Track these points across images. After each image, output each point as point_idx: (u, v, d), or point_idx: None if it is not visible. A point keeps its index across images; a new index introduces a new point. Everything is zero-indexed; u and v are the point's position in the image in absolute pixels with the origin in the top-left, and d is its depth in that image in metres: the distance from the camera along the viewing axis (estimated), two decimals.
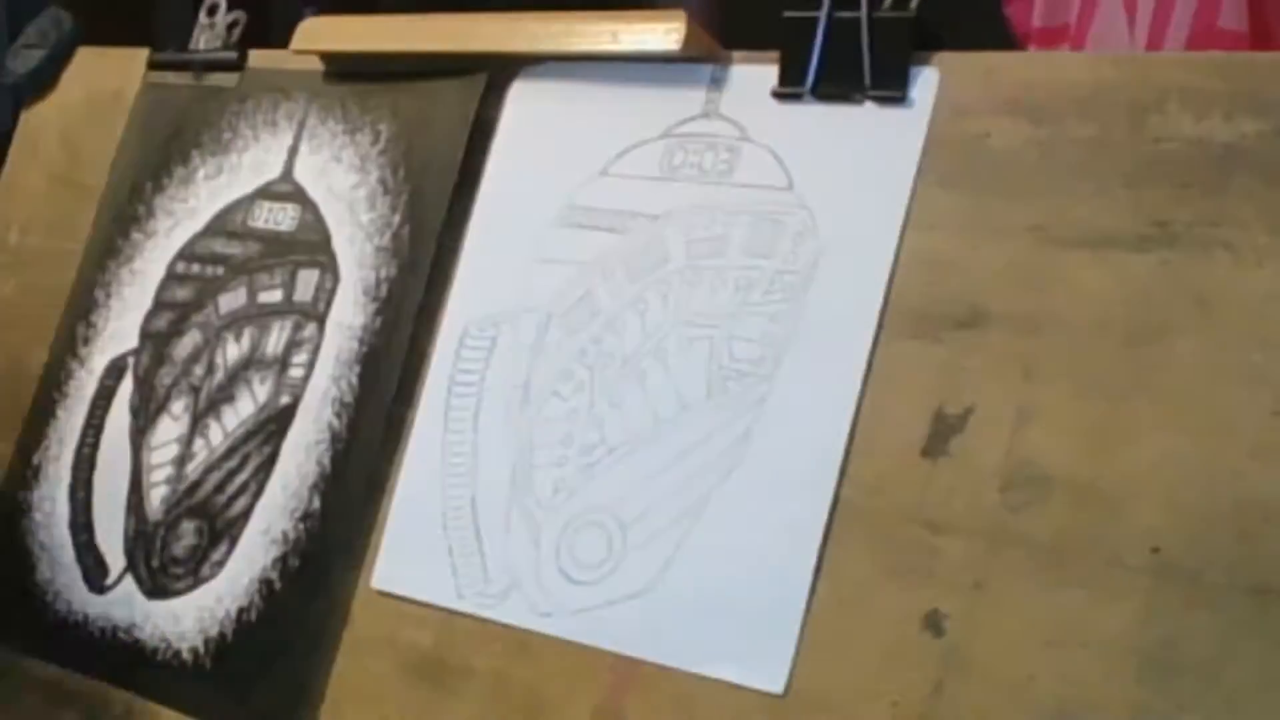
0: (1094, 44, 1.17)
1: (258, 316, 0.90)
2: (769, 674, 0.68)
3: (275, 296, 0.90)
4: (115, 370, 0.96)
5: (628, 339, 0.76)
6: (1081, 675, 0.62)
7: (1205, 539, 0.61)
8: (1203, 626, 0.60)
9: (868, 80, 0.74)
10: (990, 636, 0.64)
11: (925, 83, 0.73)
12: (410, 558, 0.81)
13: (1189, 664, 0.60)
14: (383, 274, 0.86)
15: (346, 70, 0.93)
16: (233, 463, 0.88)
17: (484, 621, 0.77)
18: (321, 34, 0.93)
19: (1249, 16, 1.05)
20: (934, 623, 0.66)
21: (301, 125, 0.93)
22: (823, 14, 0.75)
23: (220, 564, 0.87)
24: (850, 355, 0.70)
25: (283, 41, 0.95)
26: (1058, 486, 0.64)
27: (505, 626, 0.76)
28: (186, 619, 0.87)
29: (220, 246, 0.94)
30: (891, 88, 0.73)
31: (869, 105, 0.74)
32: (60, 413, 0.98)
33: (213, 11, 1.01)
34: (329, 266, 0.89)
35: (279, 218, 0.92)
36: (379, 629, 0.81)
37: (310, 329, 0.88)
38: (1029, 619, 0.64)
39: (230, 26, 1.00)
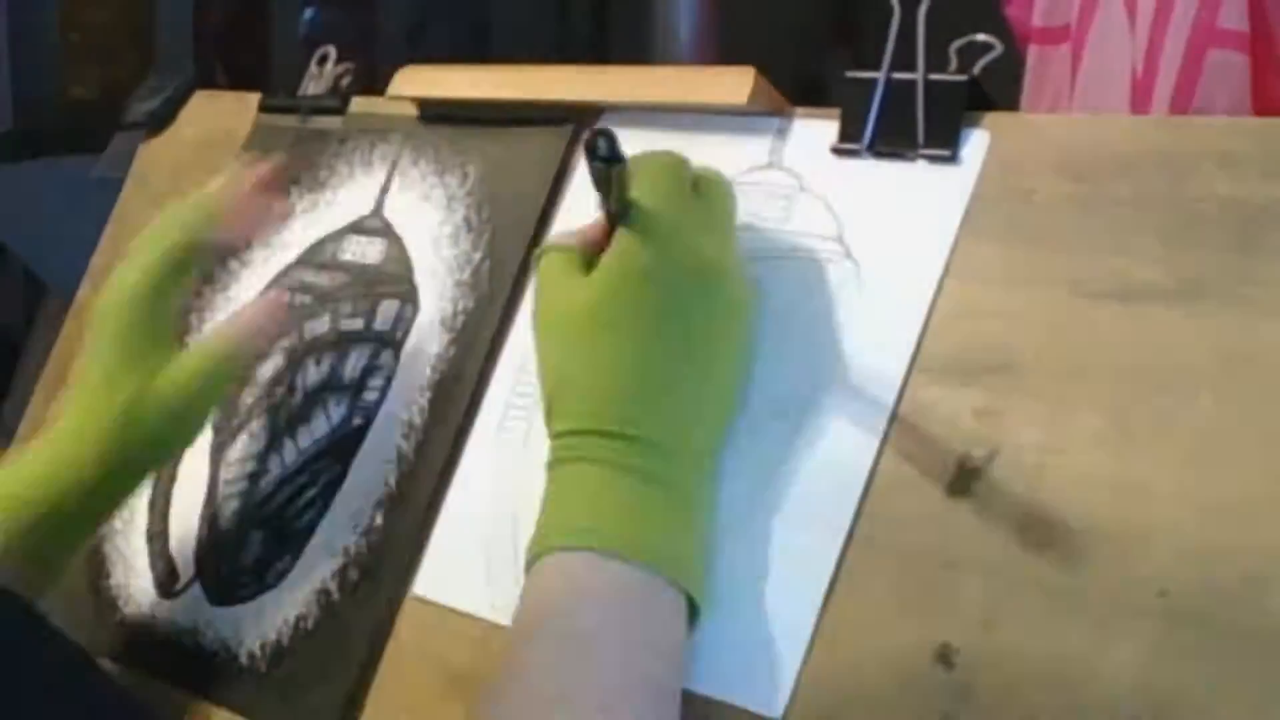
0: (1094, 44, 1.17)
1: (338, 343, 0.95)
2: (767, 699, 0.70)
3: (357, 324, 0.95)
4: None
5: None
6: (1085, 714, 0.63)
7: (1212, 583, 0.62)
8: (1206, 669, 0.61)
9: (921, 139, 0.77)
10: (998, 672, 0.66)
11: (976, 143, 0.75)
12: (450, 567, 0.84)
13: (1191, 705, 0.61)
14: (460, 306, 0.90)
15: (440, 115, 0.98)
16: (303, 478, 0.92)
17: None
18: (417, 81, 0.98)
19: (1250, 16, 1.05)
20: (944, 657, 0.67)
21: (394, 165, 0.98)
22: (882, 75, 0.78)
23: (283, 574, 0.90)
24: (880, 395, 0.73)
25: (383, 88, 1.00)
26: (1074, 530, 0.66)
27: None
28: (247, 624, 0.90)
29: (309, 276, 0.99)
30: (943, 147, 0.76)
31: (920, 163, 0.77)
32: None
33: (323, 61, 1.08)
34: (409, 298, 0.93)
35: (366, 251, 0.97)
36: (420, 641, 0.84)
37: (386, 356, 0.92)
38: (1036, 657, 0.65)
39: (339, 77, 1.07)
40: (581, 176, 0.89)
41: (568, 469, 0.74)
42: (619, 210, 0.75)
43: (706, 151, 0.83)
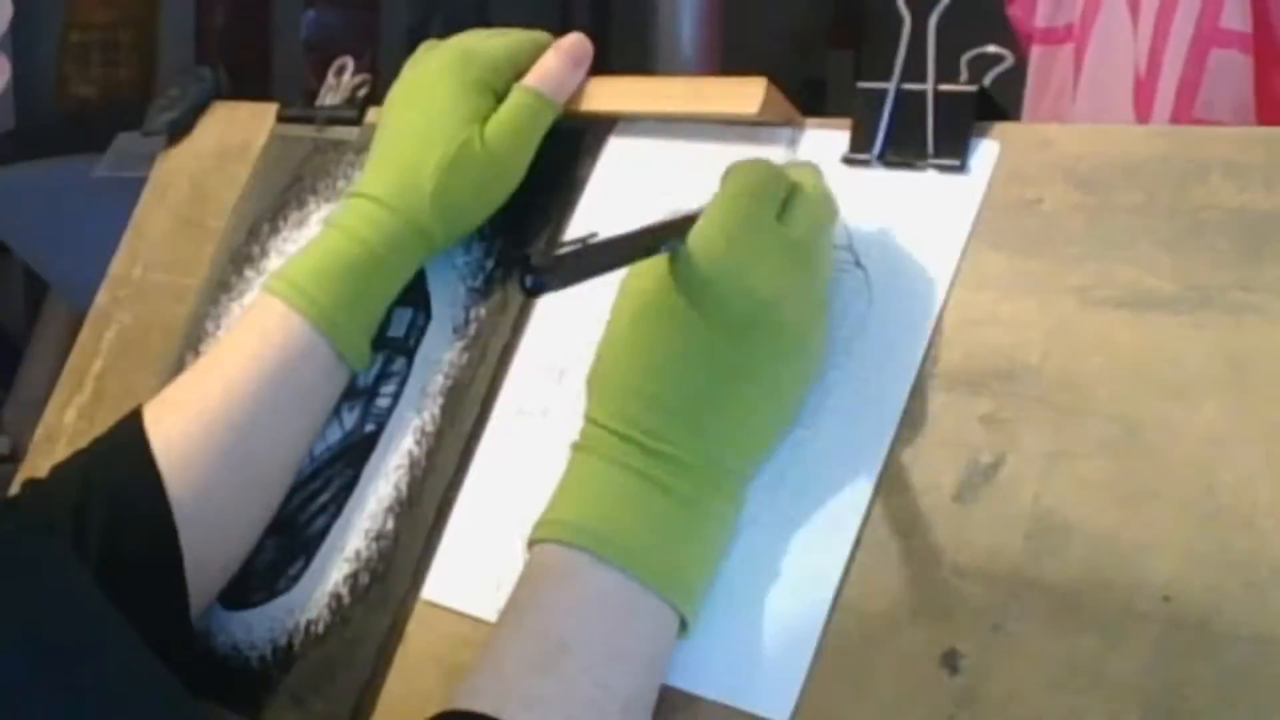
0: (1097, 44, 1.17)
1: None
2: (774, 703, 0.71)
3: None
4: None
5: None
6: (1089, 717, 0.64)
7: (1215, 589, 0.63)
8: (1207, 673, 0.62)
9: (930, 149, 0.78)
10: (1004, 677, 0.66)
11: (985, 153, 0.76)
12: (460, 572, 0.84)
13: (1193, 709, 0.61)
14: (472, 313, 0.91)
15: None
16: (316, 484, 0.93)
17: None
18: None
19: (1252, 16, 1.06)
20: (951, 661, 0.68)
21: None
22: (892, 86, 0.79)
23: (296, 578, 0.91)
24: (888, 402, 0.73)
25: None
26: (1079, 535, 0.67)
27: None
28: (259, 629, 0.91)
29: None
30: (952, 157, 0.77)
31: (930, 173, 0.78)
32: None
33: (340, 72, 1.09)
34: (422, 305, 0.94)
35: None
36: (430, 645, 0.85)
37: (400, 362, 0.93)
38: (1041, 661, 0.65)
39: (356, 87, 1.08)
40: (597, 181, 0.90)
41: (588, 460, 0.74)
42: (668, 245, 0.72)
43: (717, 161, 0.84)
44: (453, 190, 0.88)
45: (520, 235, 0.91)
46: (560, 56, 0.91)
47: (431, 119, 0.89)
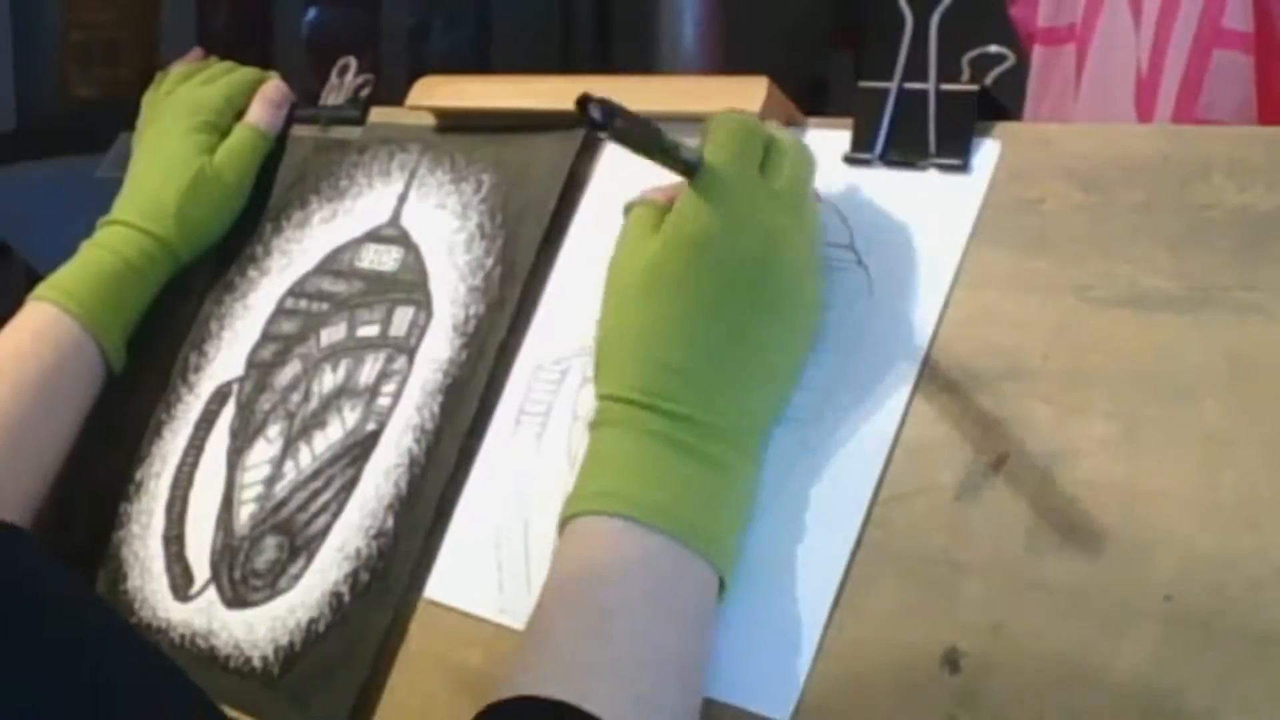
0: (1100, 45, 1.17)
1: (354, 349, 0.96)
2: (776, 702, 0.71)
3: (372, 331, 0.96)
4: (220, 396, 1.02)
5: None
6: (1090, 715, 0.64)
7: (1217, 588, 0.63)
8: (1208, 672, 0.61)
9: (932, 148, 0.78)
10: (1004, 675, 0.66)
11: (987, 152, 0.76)
12: (462, 571, 0.84)
13: (1193, 709, 0.61)
14: (472, 311, 0.91)
15: (457, 125, 0.99)
16: (318, 483, 0.93)
17: None
18: (435, 91, 0.99)
19: (1254, 17, 1.06)
20: (951, 660, 0.68)
21: (412, 175, 1.00)
22: (894, 85, 0.79)
23: (297, 577, 0.91)
24: (890, 401, 0.73)
25: None
26: (1080, 534, 0.67)
27: None
28: (260, 628, 0.91)
29: (327, 284, 1.00)
30: (954, 156, 0.77)
31: (932, 172, 0.78)
32: (166, 433, 1.04)
33: (343, 72, 1.09)
34: (424, 304, 0.94)
35: (383, 259, 0.98)
36: (431, 644, 0.85)
37: (401, 361, 0.93)
38: (1042, 660, 0.65)
39: (359, 87, 1.08)
40: (597, 181, 0.90)
41: (608, 433, 0.74)
42: (685, 168, 0.74)
43: None
44: (191, 210, 1.07)
45: (520, 235, 0.91)
46: (265, 101, 1.12)
47: (169, 157, 1.08)
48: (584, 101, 0.70)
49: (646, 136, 0.73)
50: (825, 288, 0.77)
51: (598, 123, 0.70)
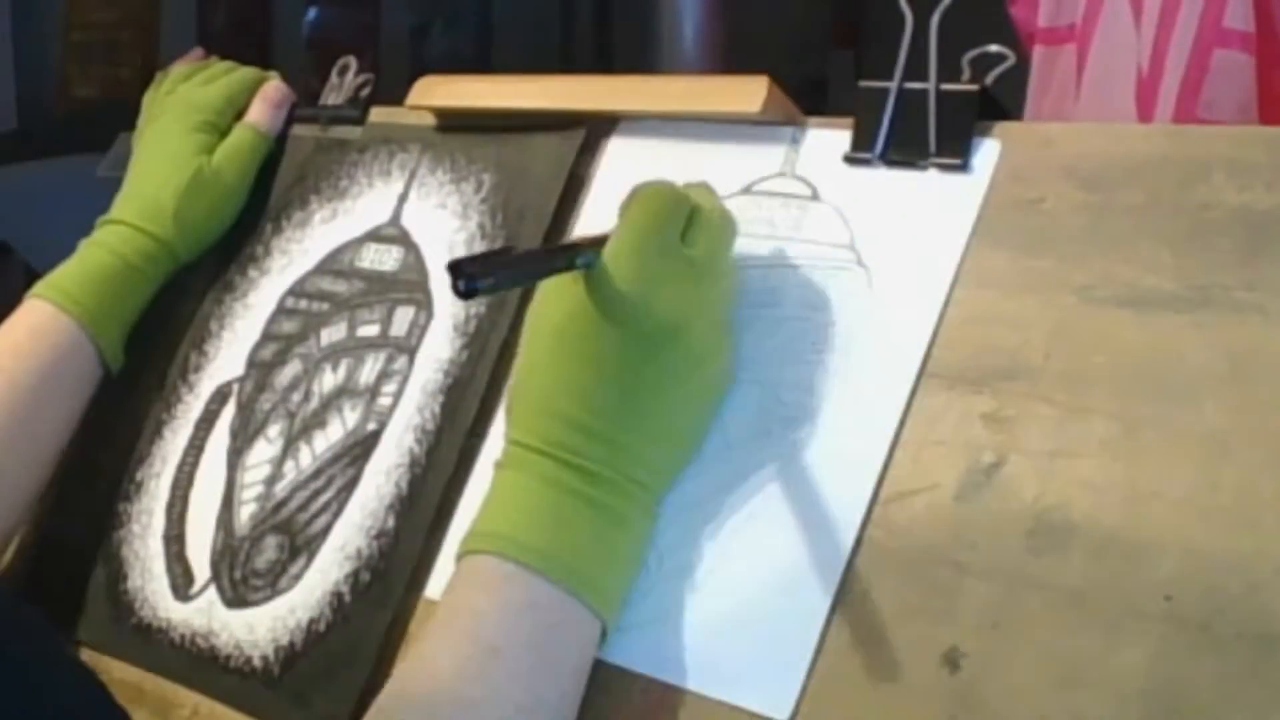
0: (1100, 44, 1.17)
1: (355, 349, 0.96)
2: (776, 701, 0.71)
3: (373, 330, 0.96)
4: (220, 396, 1.02)
5: None
6: (1090, 715, 0.64)
7: (1217, 589, 0.63)
8: (1209, 672, 0.62)
9: (932, 148, 0.78)
10: (1005, 675, 0.66)
11: (987, 152, 0.76)
12: None
13: (1194, 708, 0.61)
14: (472, 311, 0.91)
15: (457, 124, 0.99)
16: (318, 483, 0.93)
17: None
18: (435, 91, 0.99)
19: (1255, 16, 1.06)
20: (951, 660, 0.68)
21: (413, 175, 1.00)
22: (894, 85, 0.79)
23: (297, 577, 0.91)
24: (890, 401, 0.73)
25: None
26: (1080, 534, 0.67)
27: None
28: (260, 628, 0.91)
29: (327, 284, 1.00)
30: (954, 156, 0.77)
31: (932, 171, 0.78)
32: (166, 433, 1.04)
33: (343, 72, 1.09)
34: (424, 304, 0.94)
35: (383, 259, 0.98)
36: None
37: (401, 361, 0.93)
38: (1043, 660, 0.65)
39: (359, 87, 1.08)
40: (598, 181, 0.90)
41: (509, 476, 0.76)
42: (586, 264, 0.75)
43: (719, 160, 0.84)
44: (190, 210, 1.06)
45: (520, 235, 0.91)
46: (265, 101, 1.11)
47: (168, 157, 1.08)
48: (453, 269, 0.70)
49: (527, 271, 0.76)
50: (825, 287, 0.78)
51: (465, 291, 0.70)
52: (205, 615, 0.94)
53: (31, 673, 0.62)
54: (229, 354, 1.04)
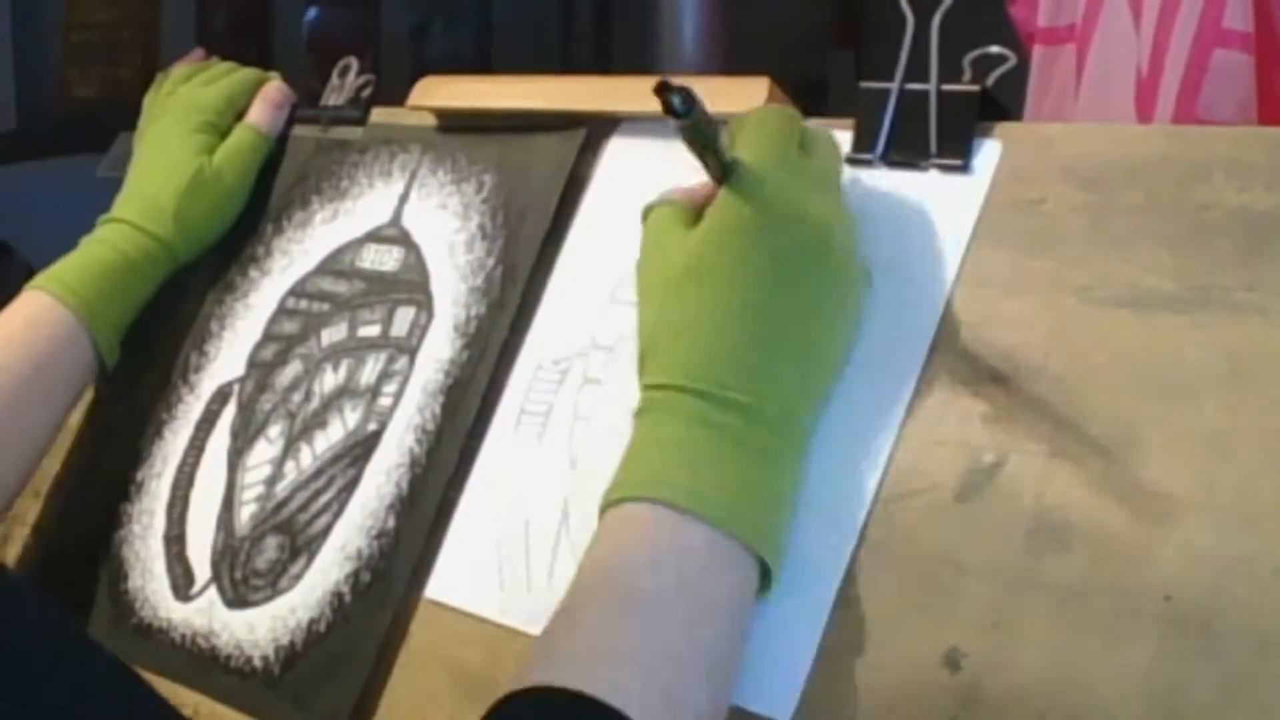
0: (1099, 45, 1.17)
1: (355, 349, 0.96)
2: (777, 702, 0.71)
3: (374, 331, 0.96)
4: (221, 396, 1.02)
5: None
6: (1090, 715, 0.64)
7: (1216, 589, 0.63)
8: (1208, 673, 0.62)
9: (933, 149, 0.78)
10: (1005, 675, 0.66)
11: (988, 153, 0.76)
12: (463, 571, 0.84)
13: (1194, 708, 0.61)
14: (473, 311, 0.91)
15: (458, 125, 0.99)
16: (319, 483, 0.93)
17: (528, 639, 0.80)
18: (436, 91, 1.00)
19: (1254, 17, 1.06)
20: (952, 660, 0.68)
21: (413, 175, 1.00)
22: (895, 86, 0.79)
23: (298, 577, 0.91)
24: (891, 401, 0.73)
25: None
26: (1080, 534, 0.67)
27: None
28: (261, 628, 0.91)
29: (328, 285, 1.00)
30: (955, 157, 0.77)
31: (933, 172, 0.78)
32: (167, 433, 1.04)
33: (344, 73, 1.09)
34: (425, 304, 0.94)
35: (384, 259, 0.98)
36: (433, 644, 0.85)
37: (402, 361, 0.93)
38: (1043, 660, 0.65)
39: (360, 88, 1.08)
40: (598, 181, 0.90)
41: (652, 420, 0.73)
42: (723, 169, 0.74)
43: None
44: (190, 210, 1.07)
45: (521, 236, 0.92)
46: (265, 102, 1.12)
47: (169, 157, 1.08)
48: (662, 89, 0.69)
49: (712, 133, 0.73)
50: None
51: (678, 111, 0.70)
52: (206, 615, 0.94)
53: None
54: (230, 354, 1.04)
